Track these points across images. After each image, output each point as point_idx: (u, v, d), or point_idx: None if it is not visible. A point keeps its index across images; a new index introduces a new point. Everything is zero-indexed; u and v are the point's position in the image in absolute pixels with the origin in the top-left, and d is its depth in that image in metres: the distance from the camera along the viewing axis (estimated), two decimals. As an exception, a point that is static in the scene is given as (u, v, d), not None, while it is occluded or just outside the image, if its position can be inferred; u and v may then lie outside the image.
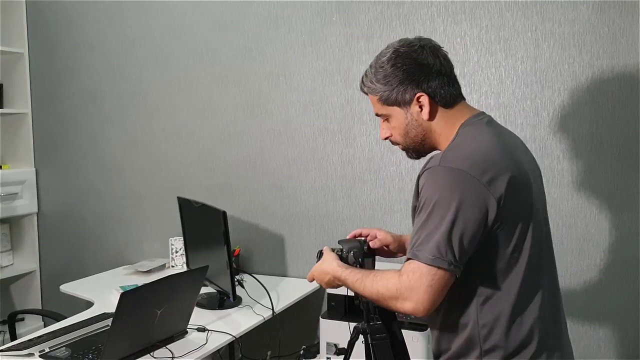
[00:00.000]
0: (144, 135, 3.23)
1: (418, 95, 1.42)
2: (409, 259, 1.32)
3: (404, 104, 1.44)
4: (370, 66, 1.49)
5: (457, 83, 1.48)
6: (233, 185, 3.01)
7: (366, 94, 1.52)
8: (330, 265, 1.54)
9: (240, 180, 2.99)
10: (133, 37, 3.20)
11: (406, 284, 1.30)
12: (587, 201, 2.33)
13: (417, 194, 1.40)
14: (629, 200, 2.27)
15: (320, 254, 1.65)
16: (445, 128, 1.44)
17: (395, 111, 1.46)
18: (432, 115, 1.44)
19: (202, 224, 2.54)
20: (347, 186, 2.76)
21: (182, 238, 2.79)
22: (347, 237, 1.71)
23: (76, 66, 3.38)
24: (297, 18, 2.78)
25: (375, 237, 1.71)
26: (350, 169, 2.75)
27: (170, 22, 3.09)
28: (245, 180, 2.98)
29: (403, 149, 1.54)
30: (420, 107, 1.43)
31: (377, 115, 1.52)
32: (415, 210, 1.40)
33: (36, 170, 3.56)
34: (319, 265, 1.58)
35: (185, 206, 2.69)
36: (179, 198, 2.73)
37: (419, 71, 1.42)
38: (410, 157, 1.55)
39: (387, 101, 1.46)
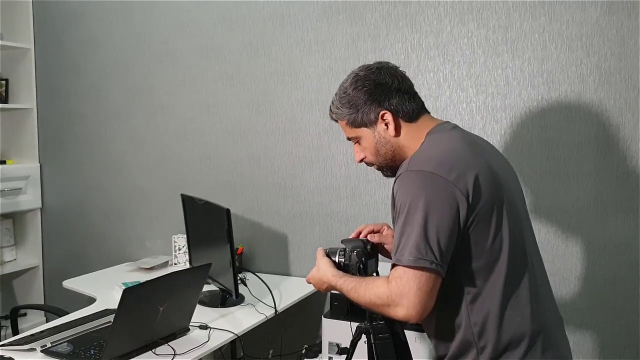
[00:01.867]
0: (149, 131, 3.23)
1: (382, 113, 1.50)
2: (393, 265, 1.34)
3: (370, 124, 1.52)
4: (336, 94, 1.58)
5: (418, 98, 1.56)
6: (237, 183, 3.01)
7: (336, 120, 1.60)
8: (325, 275, 1.57)
9: (244, 179, 2.99)
10: (139, 33, 3.20)
11: (395, 290, 1.32)
12: (593, 203, 2.31)
13: (393, 204, 1.44)
14: (636, 203, 2.25)
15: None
16: (412, 141, 1.51)
17: (363, 132, 1.54)
18: (397, 131, 1.51)
19: (206, 222, 2.53)
20: (352, 185, 2.75)
21: (185, 235, 2.79)
22: (352, 236, 1.71)
23: (81, 62, 3.39)
24: (303, 16, 2.78)
25: (380, 232, 1.73)
26: (354, 169, 2.74)
27: (176, 19, 3.09)
28: (250, 179, 2.98)
29: (378, 169, 1.61)
30: (386, 124, 1.51)
31: (348, 139, 1.60)
32: (394, 220, 1.43)
33: (40, 165, 3.56)
34: (315, 274, 1.61)
35: (189, 203, 2.68)
36: (182, 195, 2.73)
37: (379, 91, 1.50)
38: (385, 175, 1.62)
39: (354, 123, 1.54)
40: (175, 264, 2.99)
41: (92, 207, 3.44)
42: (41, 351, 1.88)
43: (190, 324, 2.08)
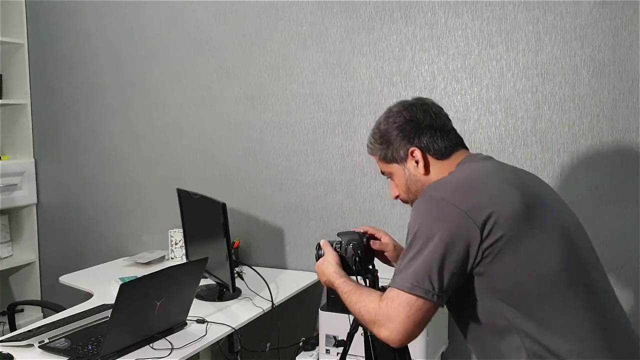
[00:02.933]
0: (144, 126, 3.22)
1: (411, 150, 1.48)
2: (389, 286, 1.33)
3: (400, 160, 1.51)
4: (372, 129, 1.57)
5: (454, 135, 1.51)
6: (233, 177, 3.01)
7: (372, 155, 1.59)
8: (328, 269, 1.57)
9: (240, 172, 2.99)
10: (132, 27, 3.19)
11: (384, 310, 1.30)
12: (587, 194, 2.32)
13: None
14: (630, 193, 2.26)
15: (319, 247, 1.65)
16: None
17: (394, 168, 1.53)
18: (427, 169, 1.48)
19: (202, 216, 2.53)
20: (347, 179, 2.75)
21: (181, 230, 2.79)
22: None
23: (75, 57, 3.37)
24: (297, 9, 2.77)
25: (379, 239, 1.70)
26: (350, 162, 2.74)
27: (169, 13, 3.08)
28: (245, 172, 2.98)
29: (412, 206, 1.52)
30: (416, 161, 1.48)
31: (382, 174, 1.59)
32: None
33: (35, 161, 3.55)
34: (321, 264, 1.61)
35: (185, 198, 2.68)
36: (178, 190, 2.73)
37: (410, 127, 1.48)
38: None
39: (385, 159, 1.53)
40: (172, 258, 2.99)
41: (88, 202, 3.43)
42: (39, 347, 1.88)
43: (188, 318, 2.08)
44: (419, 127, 1.48)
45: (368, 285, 1.58)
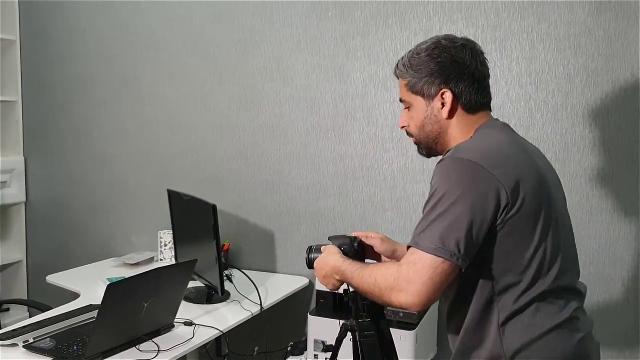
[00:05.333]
0: (135, 125, 3.20)
1: (443, 91, 1.41)
2: (409, 247, 1.29)
3: (427, 96, 1.43)
4: (410, 50, 1.47)
5: (488, 93, 1.47)
6: (224, 179, 2.99)
7: (397, 77, 1.50)
8: (333, 256, 1.51)
9: (231, 175, 2.98)
10: (125, 25, 3.17)
11: (405, 274, 1.25)
12: (579, 203, 2.33)
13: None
14: (621, 202, 2.27)
15: (309, 250, 1.63)
16: (460, 132, 1.43)
17: (417, 101, 1.45)
18: (451, 114, 1.42)
19: (192, 218, 2.52)
20: (339, 183, 2.75)
21: (171, 231, 2.77)
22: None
23: (67, 55, 3.35)
24: (292, 13, 2.77)
25: (368, 237, 1.68)
26: (342, 166, 2.74)
27: (164, 13, 3.07)
28: (236, 175, 2.96)
29: (415, 143, 1.53)
30: (442, 104, 1.42)
31: (400, 100, 1.51)
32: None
33: (25, 159, 3.52)
34: (321, 257, 1.55)
35: (175, 199, 2.66)
36: (168, 190, 2.71)
37: (452, 68, 1.40)
38: (420, 153, 1.54)
39: (412, 88, 1.45)
40: (161, 259, 2.97)
41: (77, 201, 3.40)
42: (23, 346, 1.85)
43: (175, 320, 2.07)
44: (461, 72, 1.40)
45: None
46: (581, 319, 1.39)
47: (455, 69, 1.40)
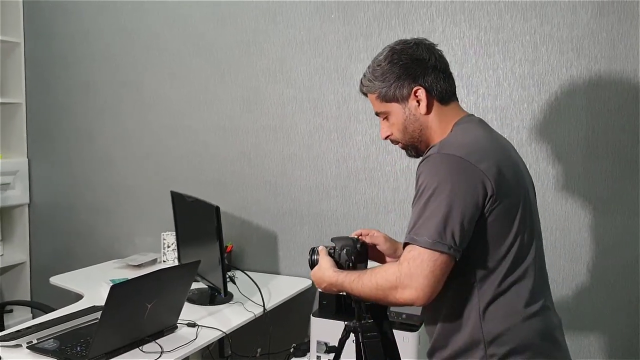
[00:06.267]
0: (139, 127, 3.21)
1: (415, 89, 1.46)
2: (406, 244, 1.32)
3: (401, 99, 1.48)
4: (368, 67, 1.54)
5: (453, 80, 1.53)
6: (227, 181, 3.00)
7: (365, 94, 1.55)
8: (327, 272, 1.53)
9: (234, 176, 2.98)
10: (129, 28, 3.18)
11: (406, 271, 1.29)
12: (581, 205, 2.33)
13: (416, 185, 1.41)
14: (624, 205, 2.26)
15: (312, 252, 1.64)
16: (439, 125, 1.48)
17: (393, 107, 1.50)
18: (429, 109, 1.47)
19: (195, 219, 2.52)
20: (342, 185, 2.75)
21: (174, 233, 2.78)
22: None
23: (71, 57, 3.36)
24: (296, 14, 2.77)
25: (369, 236, 1.70)
26: (345, 168, 2.74)
27: (167, 15, 3.07)
28: (240, 176, 2.97)
29: (403, 148, 1.57)
30: (418, 101, 1.47)
31: (377, 114, 1.56)
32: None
33: (29, 160, 3.53)
34: (317, 271, 1.57)
35: (178, 201, 2.67)
36: (172, 192, 2.72)
37: (415, 66, 1.46)
38: (409, 155, 1.58)
39: (385, 97, 1.49)
40: (164, 261, 2.98)
41: (80, 203, 3.41)
42: (27, 347, 1.86)
43: (178, 321, 2.07)
44: (424, 67, 1.46)
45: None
46: (551, 308, 1.47)
47: (418, 66, 1.46)
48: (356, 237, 1.67)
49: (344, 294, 1.57)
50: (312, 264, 1.62)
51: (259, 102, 2.89)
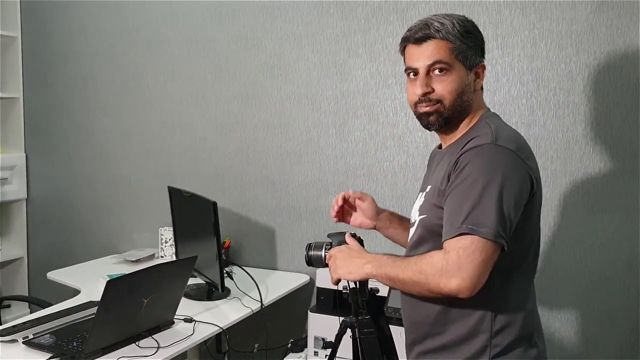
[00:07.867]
0: (136, 123, 3.20)
1: (483, 63, 1.48)
2: (462, 234, 1.27)
3: (469, 65, 1.44)
4: (448, 15, 1.44)
5: None
6: (225, 177, 2.99)
7: (427, 38, 1.42)
8: (363, 252, 1.48)
9: (232, 172, 2.97)
10: (128, 24, 3.17)
11: (455, 259, 1.25)
12: (580, 201, 2.32)
13: (448, 175, 1.37)
14: (623, 201, 2.26)
15: (308, 247, 1.63)
16: (476, 107, 1.48)
17: (458, 68, 1.42)
18: (481, 88, 1.49)
19: (193, 215, 2.52)
20: (340, 181, 2.74)
21: (172, 228, 2.77)
22: (336, 203, 1.77)
23: (69, 51, 3.35)
24: (293, 10, 2.76)
25: (360, 199, 1.80)
26: (343, 164, 2.73)
27: (165, 11, 3.06)
28: (237, 172, 2.96)
29: (435, 111, 1.44)
30: (477, 76, 1.47)
31: (434, 63, 1.41)
32: (441, 189, 1.39)
33: (26, 155, 3.52)
34: (348, 253, 1.49)
35: (176, 196, 2.66)
36: (169, 187, 2.71)
37: (483, 45, 1.48)
38: (428, 122, 1.46)
39: (459, 55, 1.41)
40: (162, 256, 2.97)
41: (78, 198, 3.40)
42: (23, 342, 1.86)
43: (175, 316, 2.07)
44: (484, 49, 1.49)
45: (358, 286, 1.56)
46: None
47: (483, 47, 1.48)
48: (353, 232, 1.66)
49: (347, 290, 1.55)
50: (309, 259, 1.62)
51: (256, 98, 2.88)
